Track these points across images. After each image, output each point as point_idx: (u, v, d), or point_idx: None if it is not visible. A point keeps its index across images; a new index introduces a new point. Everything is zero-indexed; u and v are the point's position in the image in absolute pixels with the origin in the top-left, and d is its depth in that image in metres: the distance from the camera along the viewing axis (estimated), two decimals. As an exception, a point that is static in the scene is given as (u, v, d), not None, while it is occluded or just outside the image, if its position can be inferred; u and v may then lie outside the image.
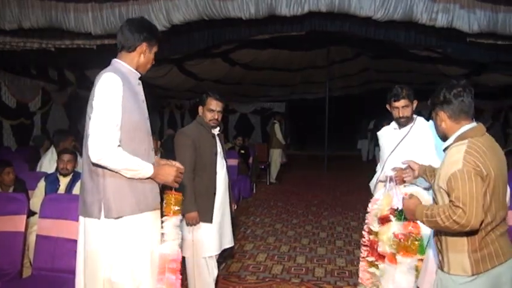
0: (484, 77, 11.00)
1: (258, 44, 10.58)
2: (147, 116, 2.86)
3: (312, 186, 11.89)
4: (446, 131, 2.59)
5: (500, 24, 5.83)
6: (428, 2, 5.80)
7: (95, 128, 2.52)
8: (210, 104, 4.20)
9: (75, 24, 6.33)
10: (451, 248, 2.48)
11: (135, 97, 2.74)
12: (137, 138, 2.71)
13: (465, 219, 2.28)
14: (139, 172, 2.64)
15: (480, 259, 2.41)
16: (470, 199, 2.29)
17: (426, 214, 2.44)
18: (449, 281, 2.47)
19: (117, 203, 2.62)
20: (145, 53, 2.83)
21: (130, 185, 2.65)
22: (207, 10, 6.07)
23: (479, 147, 2.42)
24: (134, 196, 2.66)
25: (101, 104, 2.56)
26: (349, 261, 5.88)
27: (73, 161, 5.23)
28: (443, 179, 2.43)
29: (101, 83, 2.63)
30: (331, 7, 5.94)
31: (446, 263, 2.49)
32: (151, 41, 2.84)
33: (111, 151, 2.52)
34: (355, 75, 15.79)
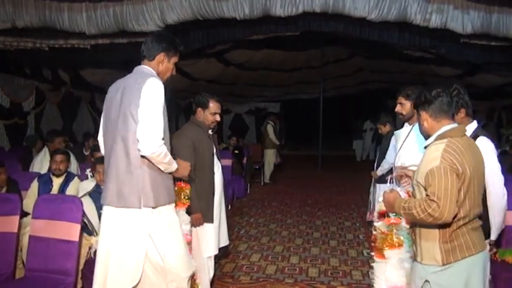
0: (477, 77, 11.04)
1: (253, 44, 10.58)
2: (169, 117, 3.24)
3: (306, 186, 11.89)
4: (428, 130, 2.71)
5: (493, 25, 5.86)
6: (423, 2, 5.82)
7: (147, 127, 2.87)
8: (213, 107, 4.18)
9: (69, 24, 6.32)
10: (424, 238, 2.62)
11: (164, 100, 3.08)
12: (166, 136, 3.07)
13: (439, 212, 2.42)
14: (172, 166, 3.06)
15: (450, 250, 2.54)
16: (445, 194, 2.42)
17: (404, 207, 2.60)
18: (421, 270, 2.62)
19: (154, 193, 2.98)
20: (164, 62, 3.16)
21: (163, 178, 3.05)
22: (201, 10, 6.07)
23: (457, 146, 2.55)
24: (166, 188, 3.07)
25: (149, 106, 2.90)
26: (343, 261, 5.89)
27: (66, 161, 5.22)
28: (421, 174, 2.57)
29: (150, 87, 2.94)
30: (326, 8, 5.96)
31: (419, 253, 2.64)
32: (170, 51, 3.16)
33: (160, 146, 2.89)
34: (349, 76, 15.82)
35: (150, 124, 2.87)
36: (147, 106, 2.89)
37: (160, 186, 3.02)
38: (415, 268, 2.70)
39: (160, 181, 3.02)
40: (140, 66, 3.19)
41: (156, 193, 2.98)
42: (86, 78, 10.78)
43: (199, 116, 4.20)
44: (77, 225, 3.89)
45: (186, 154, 3.92)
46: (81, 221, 3.94)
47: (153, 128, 2.87)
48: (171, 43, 3.18)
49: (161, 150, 2.90)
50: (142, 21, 6.25)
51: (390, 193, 2.86)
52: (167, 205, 3.08)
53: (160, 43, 3.14)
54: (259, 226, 7.64)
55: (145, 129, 2.86)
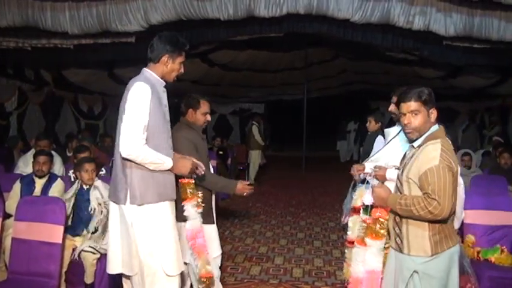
0: (459, 79, 11.15)
1: (237, 45, 10.58)
2: (168, 118, 3.32)
3: (290, 187, 11.91)
4: (421, 128, 2.78)
5: (476, 27, 5.93)
6: (406, 5, 5.87)
7: (126, 129, 3.01)
8: (204, 107, 4.14)
9: (52, 24, 6.27)
10: (413, 232, 2.74)
11: (159, 102, 3.20)
12: (159, 138, 3.17)
13: (439, 209, 2.57)
14: (161, 165, 3.12)
15: (438, 241, 2.70)
16: (444, 192, 2.58)
17: (400, 203, 2.70)
18: (409, 261, 2.74)
19: (141, 191, 3.08)
20: (168, 63, 3.26)
21: (153, 177, 3.12)
22: (185, 10, 6.06)
23: (448, 146, 2.73)
24: (156, 187, 3.13)
25: (132, 109, 3.04)
26: (327, 261, 5.91)
27: (48, 162, 5.17)
28: (415, 172, 2.69)
29: (134, 90, 3.08)
30: (309, 9, 5.98)
31: (406, 246, 2.75)
32: (174, 52, 3.25)
33: (139, 148, 3.00)
34: (333, 77, 15.89)
35: (128, 127, 3.01)
36: (128, 110, 3.04)
37: (149, 184, 3.09)
38: (401, 260, 2.79)
39: (150, 180, 3.10)
40: (144, 68, 3.30)
41: (143, 191, 3.07)
42: (69, 78, 10.69)
43: (190, 117, 4.12)
44: (59, 227, 3.87)
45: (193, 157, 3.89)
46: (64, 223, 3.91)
47: (130, 131, 2.99)
48: (175, 44, 3.26)
49: (139, 153, 3.00)
50: (126, 21, 6.22)
51: (381, 188, 2.93)
52: (158, 203, 3.14)
53: (164, 45, 3.23)
54: (244, 227, 7.64)
55: (124, 132, 3.01)
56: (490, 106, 14.90)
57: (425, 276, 2.71)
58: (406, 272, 2.76)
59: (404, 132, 2.92)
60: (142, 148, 3.01)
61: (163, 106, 3.26)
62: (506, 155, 6.73)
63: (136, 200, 3.07)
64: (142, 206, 3.08)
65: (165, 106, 3.29)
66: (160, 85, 3.29)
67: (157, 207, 3.14)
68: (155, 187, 3.12)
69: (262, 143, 12.40)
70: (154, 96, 3.12)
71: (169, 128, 3.36)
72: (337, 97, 18.76)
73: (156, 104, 3.13)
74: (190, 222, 3.50)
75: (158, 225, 3.13)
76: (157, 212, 3.14)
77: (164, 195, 3.17)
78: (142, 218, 3.09)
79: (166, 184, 3.20)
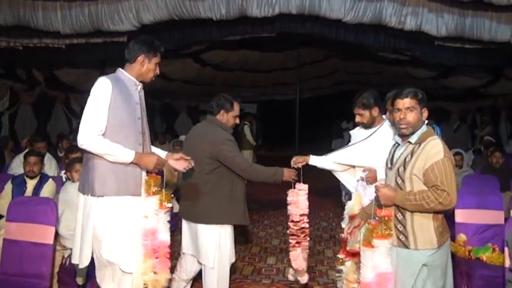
0: (451, 79, 11.20)
1: (229, 45, 10.56)
2: (139, 116, 3.29)
3: (283, 186, 11.90)
4: (415, 125, 2.93)
5: (467, 28, 5.96)
6: (397, 5, 5.88)
7: (82, 121, 3.06)
8: (237, 109, 4.25)
9: (43, 23, 6.25)
10: (419, 226, 2.87)
11: (128, 99, 3.21)
12: (123, 133, 3.15)
13: (449, 200, 2.74)
14: (119, 156, 3.09)
15: (441, 232, 2.89)
16: (451, 183, 2.76)
17: (409, 199, 2.82)
18: (417, 256, 2.87)
19: (99, 183, 3.09)
20: (144, 63, 3.31)
21: (114, 170, 3.11)
22: (177, 10, 6.05)
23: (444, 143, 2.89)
24: (115, 180, 3.12)
25: (89, 102, 3.10)
26: (319, 260, 5.93)
27: (39, 163, 5.14)
28: (419, 167, 2.83)
29: (94, 85, 3.13)
30: (302, 9, 5.99)
31: (413, 241, 2.88)
32: (149, 53, 3.31)
33: (91, 138, 3.02)
34: (325, 77, 15.89)
35: (84, 119, 3.06)
36: (87, 103, 3.11)
37: (109, 177, 3.10)
38: (408, 256, 2.90)
39: (109, 172, 3.10)
40: (118, 68, 3.35)
41: (101, 183, 3.09)
42: (61, 78, 10.65)
43: (221, 118, 4.15)
44: (51, 228, 3.85)
45: (241, 155, 4.14)
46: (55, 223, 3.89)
47: (85, 122, 3.05)
48: (151, 45, 3.32)
49: (91, 143, 3.03)
50: (118, 21, 6.20)
51: (385, 187, 2.97)
52: (117, 196, 3.12)
53: (140, 46, 3.29)
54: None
55: (81, 124, 3.06)
56: (482, 106, 14.99)
57: (432, 268, 2.88)
58: (414, 266, 2.88)
59: (397, 127, 3.00)
60: (95, 138, 3.02)
61: (134, 103, 3.25)
62: (498, 154, 6.77)
63: (95, 191, 3.08)
64: (101, 198, 3.09)
65: (136, 103, 3.27)
66: (132, 84, 3.30)
67: (116, 201, 3.12)
68: (115, 180, 3.11)
69: (253, 143, 12.38)
70: (117, 91, 3.13)
71: (142, 126, 3.31)
72: (330, 97, 18.77)
73: (120, 99, 3.14)
74: (148, 220, 3.19)
75: (116, 219, 3.11)
76: (116, 205, 3.12)
77: (124, 190, 3.15)
78: (100, 210, 3.09)
79: (128, 179, 3.17)
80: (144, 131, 3.35)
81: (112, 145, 3.06)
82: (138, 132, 3.26)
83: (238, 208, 4.14)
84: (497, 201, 4.77)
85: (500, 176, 6.14)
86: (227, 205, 4.02)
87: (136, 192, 3.20)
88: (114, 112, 3.11)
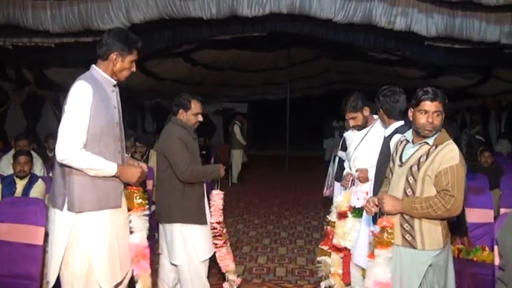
0: (441, 79, 11.26)
1: (220, 45, 10.56)
2: (118, 121, 3.07)
3: (274, 186, 11.93)
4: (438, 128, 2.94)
5: (457, 28, 5.99)
6: (387, 5, 5.91)
7: (62, 132, 2.78)
8: (196, 107, 4.12)
9: (33, 22, 6.21)
10: (427, 228, 2.89)
11: (107, 103, 2.96)
12: (103, 141, 2.93)
13: (456, 207, 2.78)
14: (102, 171, 2.87)
15: (446, 234, 2.93)
16: (461, 190, 2.80)
17: (415, 207, 2.85)
18: (424, 256, 2.89)
19: (79, 199, 2.85)
20: (117, 61, 3.00)
21: (94, 183, 2.88)
22: (167, 9, 6.04)
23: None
24: (96, 194, 2.89)
25: (70, 110, 2.81)
26: (310, 260, 5.92)
27: (29, 162, 5.11)
28: (434, 169, 2.84)
29: (73, 90, 2.86)
30: (292, 8, 6.00)
31: (420, 242, 2.89)
32: (123, 50, 3.00)
33: (74, 153, 2.76)
34: (315, 77, 15.94)
35: (64, 130, 2.78)
36: (66, 111, 2.83)
37: (89, 191, 2.87)
38: (414, 256, 2.91)
39: (89, 186, 2.87)
40: (92, 65, 3.07)
41: (82, 198, 2.85)
42: (51, 77, 10.57)
43: (181, 117, 4.10)
44: (41, 229, 3.81)
45: (184, 157, 3.90)
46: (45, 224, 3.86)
47: (66, 134, 2.77)
48: (125, 41, 3.01)
49: (73, 158, 2.77)
50: (108, 20, 6.17)
51: (389, 197, 2.98)
52: (98, 211, 2.90)
53: (114, 41, 2.98)
54: (227, 226, 7.50)
55: (60, 136, 2.79)
56: (471, 106, 15.09)
57: (437, 268, 2.92)
58: (421, 266, 2.90)
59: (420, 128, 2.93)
60: (77, 153, 2.77)
61: (112, 108, 3.01)
62: (487, 154, 6.80)
63: (74, 207, 2.84)
64: (80, 214, 2.86)
65: (114, 107, 3.03)
66: (109, 84, 3.03)
67: (96, 216, 2.91)
68: (95, 194, 2.89)
69: (244, 143, 12.40)
70: (98, 97, 2.87)
71: (119, 131, 3.10)
72: (320, 97, 18.82)
73: (100, 105, 2.89)
74: (136, 235, 3.12)
75: (95, 235, 2.90)
76: (96, 220, 2.90)
77: (105, 204, 2.93)
78: (79, 226, 2.87)
79: (109, 191, 2.96)
80: (122, 137, 3.15)
81: (95, 159, 2.84)
82: (117, 140, 3.05)
83: (192, 208, 3.99)
84: (487, 199, 4.80)
85: (490, 175, 6.17)
86: (181, 205, 3.93)
87: (116, 204, 3.01)
88: (95, 120, 2.86)
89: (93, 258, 2.89)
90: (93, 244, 2.89)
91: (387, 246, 2.96)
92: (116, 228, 3.00)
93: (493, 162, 6.78)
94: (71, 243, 2.88)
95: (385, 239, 2.96)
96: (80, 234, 2.88)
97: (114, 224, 3.00)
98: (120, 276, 3.03)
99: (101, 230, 2.92)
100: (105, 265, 2.93)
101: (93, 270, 2.90)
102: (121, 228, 3.06)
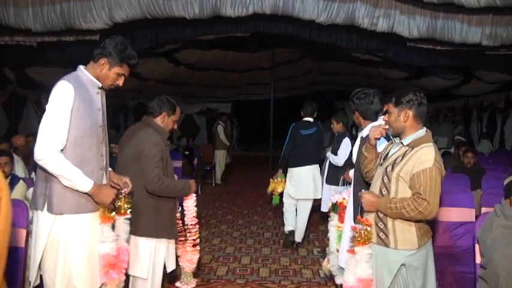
0: (423, 80, 11.34)
1: (203, 44, 10.53)
2: (101, 124, 3.04)
3: (257, 186, 11.91)
4: (406, 128, 2.98)
5: (439, 30, 6.04)
6: (370, 7, 5.94)
7: (41, 132, 2.75)
8: (178, 114, 3.91)
9: (14, 20, 6.14)
10: (400, 227, 2.91)
11: (90, 105, 2.93)
12: (85, 144, 2.90)
13: (428, 210, 2.78)
14: (74, 184, 2.81)
15: (422, 235, 2.93)
16: (435, 194, 2.80)
17: (390, 207, 2.87)
18: (395, 255, 2.91)
19: (58, 201, 2.83)
20: (104, 67, 2.98)
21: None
22: (150, 9, 6.01)
23: (437, 150, 2.94)
24: (75, 198, 2.86)
25: (50, 110, 2.79)
26: (293, 259, 5.95)
27: (10, 163, 5.03)
28: (407, 171, 2.86)
29: (55, 90, 2.84)
30: (275, 9, 6.01)
31: (393, 240, 2.91)
32: (114, 60, 2.98)
33: (50, 154, 2.73)
34: (299, 77, 15.97)
35: (42, 131, 2.76)
36: (46, 111, 2.80)
37: (68, 194, 2.84)
38: (387, 254, 2.93)
39: (70, 191, 2.84)
40: (79, 66, 3.07)
41: (61, 200, 2.83)
42: (33, 77, 10.45)
43: (161, 120, 3.82)
44: (22, 231, 3.75)
45: (157, 166, 3.60)
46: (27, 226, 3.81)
47: (44, 135, 2.74)
48: (119, 52, 2.99)
49: (48, 160, 2.74)
50: (90, 19, 6.12)
51: (368, 194, 3.04)
52: (77, 214, 2.88)
53: (109, 48, 2.97)
54: (211, 227, 7.62)
55: (38, 135, 2.77)
56: (453, 106, 15.23)
57: (411, 268, 2.92)
58: (393, 265, 2.92)
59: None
60: (53, 156, 2.74)
61: (95, 110, 2.99)
62: (470, 155, 6.86)
63: (52, 208, 2.82)
64: (59, 216, 2.84)
65: (97, 110, 3.01)
66: (94, 85, 3.01)
67: (75, 219, 2.88)
68: (75, 197, 2.85)
69: (227, 143, 12.38)
70: (80, 98, 2.86)
71: (103, 134, 3.07)
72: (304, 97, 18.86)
73: (83, 106, 2.87)
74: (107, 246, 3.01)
75: (75, 238, 2.87)
76: (75, 224, 2.88)
77: (84, 207, 2.90)
78: (58, 228, 2.84)
79: (89, 196, 2.91)
80: (106, 139, 3.12)
81: (71, 169, 2.78)
82: (99, 142, 3.02)
83: (165, 222, 3.75)
84: (468, 199, 4.85)
85: (472, 176, 6.23)
86: (154, 218, 3.66)
87: (97, 208, 2.97)
88: (76, 121, 2.83)
89: (72, 262, 2.86)
90: (73, 248, 2.87)
91: (365, 243, 2.99)
92: (94, 234, 2.97)
93: (475, 163, 6.85)
94: (51, 245, 2.85)
95: (364, 236, 2.99)
96: (60, 238, 2.85)
97: (94, 228, 2.97)
98: (100, 282, 2.99)
99: (81, 234, 2.90)
100: (84, 269, 2.90)
101: (72, 275, 2.87)
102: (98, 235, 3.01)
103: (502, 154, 10.69)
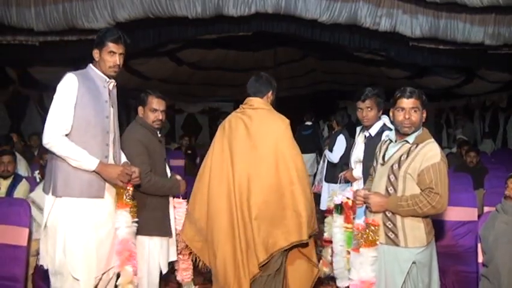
0: (426, 79, 11.32)
1: (206, 44, 10.53)
2: (108, 115, 3.17)
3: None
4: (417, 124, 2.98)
5: (441, 29, 6.04)
6: (372, 6, 5.94)
7: (47, 119, 2.97)
8: (152, 102, 3.75)
9: (17, 20, 6.16)
10: (409, 225, 2.91)
11: (96, 96, 3.11)
12: (90, 132, 3.06)
13: (441, 204, 2.83)
14: (81, 163, 2.97)
15: (429, 231, 2.96)
16: (445, 187, 2.85)
17: (402, 205, 2.88)
18: (406, 253, 2.91)
19: (62, 183, 2.98)
20: (97, 55, 3.18)
21: (76, 172, 2.98)
22: (152, 8, 6.02)
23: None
24: (78, 182, 3.00)
25: (55, 98, 3.01)
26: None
27: (13, 162, 5.05)
28: (415, 168, 2.88)
29: (61, 82, 3.06)
30: (278, 9, 6.01)
31: (403, 239, 2.91)
32: (98, 44, 3.17)
33: (56, 138, 2.93)
34: (301, 76, 15.94)
35: (49, 118, 2.98)
36: (53, 101, 3.03)
37: (71, 177, 2.98)
38: (397, 253, 2.93)
39: (71, 173, 2.98)
40: (89, 64, 3.27)
41: (63, 183, 2.98)
42: (35, 76, 10.47)
43: (141, 114, 3.81)
44: (25, 229, 3.77)
45: (142, 163, 3.52)
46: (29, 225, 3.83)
47: (49, 120, 2.97)
48: (100, 37, 3.18)
49: (54, 143, 2.94)
50: (92, 18, 6.14)
51: (375, 195, 3.01)
52: (79, 198, 2.99)
53: (95, 40, 3.21)
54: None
55: (46, 122, 2.99)
56: (456, 106, 15.20)
57: (420, 265, 2.94)
58: (404, 264, 2.92)
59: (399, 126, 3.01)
60: (59, 139, 2.94)
61: (103, 102, 3.14)
62: (472, 154, 6.86)
63: (56, 191, 2.97)
64: (61, 198, 2.98)
65: (105, 102, 3.15)
66: (102, 81, 3.18)
67: (77, 203, 2.99)
68: (77, 182, 2.99)
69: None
70: (85, 88, 3.05)
71: (110, 125, 3.19)
72: (306, 96, 18.84)
73: (87, 96, 3.05)
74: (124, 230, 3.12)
75: (75, 222, 2.97)
76: (76, 207, 2.98)
77: (86, 192, 3.01)
78: (60, 210, 2.98)
79: (92, 182, 3.03)
80: (113, 130, 3.22)
81: (76, 150, 2.95)
82: (105, 132, 3.14)
83: (156, 219, 3.66)
84: (471, 198, 4.84)
85: (474, 175, 6.22)
86: (143, 215, 3.49)
87: (99, 194, 3.07)
88: (81, 110, 3.01)
89: (67, 246, 2.96)
90: (70, 232, 2.97)
91: (371, 245, 2.99)
92: (95, 221, 3.05)
93: (478, 162, 6.84)
94: (51, 231, 3.00)
95: (370, 238, 2.98)
96: (59, 222, 2.98)
97: (94, 216, 3.05)
98: (97, 271, 3.03)
99: (79, 218, 2.99)
100: (80, 253, 2.97)
101: (68, 257, 2.95)
102: (102, 223, 3.09)
103: (504, 153, 10.68)
